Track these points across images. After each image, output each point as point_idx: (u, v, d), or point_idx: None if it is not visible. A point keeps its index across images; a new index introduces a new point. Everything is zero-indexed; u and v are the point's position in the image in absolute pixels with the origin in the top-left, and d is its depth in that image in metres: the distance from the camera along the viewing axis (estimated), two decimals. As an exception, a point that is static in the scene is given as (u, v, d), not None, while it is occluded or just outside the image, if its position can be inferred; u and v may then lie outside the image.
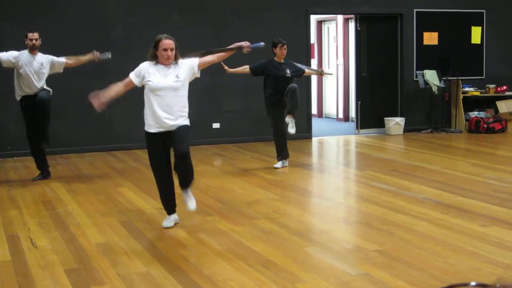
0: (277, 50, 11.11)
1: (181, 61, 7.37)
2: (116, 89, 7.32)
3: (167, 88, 7.21)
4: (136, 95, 13.58)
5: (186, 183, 7.43)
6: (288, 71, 11.03)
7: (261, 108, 14.24)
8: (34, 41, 10.32)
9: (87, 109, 7.68)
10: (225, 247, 6.72)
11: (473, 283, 1.73)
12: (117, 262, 6.35)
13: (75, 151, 13.07)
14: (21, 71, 10.23)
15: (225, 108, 14.25)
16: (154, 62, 7.24)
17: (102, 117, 13.00)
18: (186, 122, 7.45)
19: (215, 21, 14.02)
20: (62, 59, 10.57)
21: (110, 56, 10.74)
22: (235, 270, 6.00)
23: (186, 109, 7.46)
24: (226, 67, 10.83)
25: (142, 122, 7.48)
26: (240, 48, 8.11)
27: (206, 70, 13.84)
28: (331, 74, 17.00)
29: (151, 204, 8.73)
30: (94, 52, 10.61)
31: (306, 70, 11.92)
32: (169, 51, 7.16)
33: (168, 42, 7.17)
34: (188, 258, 6.41)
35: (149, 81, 7.18)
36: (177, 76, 7.27)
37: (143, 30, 13.24)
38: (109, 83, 7.46)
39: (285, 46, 11.13)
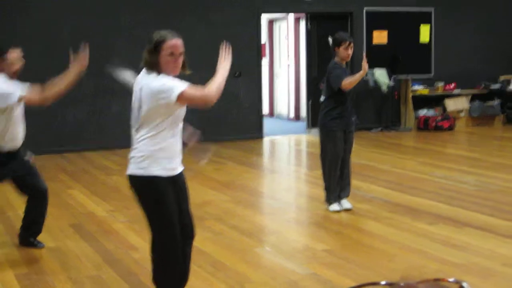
0: (342, 50, 8.12)
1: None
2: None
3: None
4: (88, 96, 13.59)
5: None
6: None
7: (213, 108, 14.32)
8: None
9: (38, 110, 7.67)
10: (175, 249, 6.77)
11: (383, 282, 1.82)
12: (69, 265, 6.37)
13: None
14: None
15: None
16: (155, 73, 4.80)
17: (53, 118, 12.99)
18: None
19: (161, 22, 13.99)
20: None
21: None
22: (185, 272, 6.06)
23: None
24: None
25: (93, 124, 7.37)
26: None
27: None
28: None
29: (102, 206, 8.74)
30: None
31: None
32: (178, 55, 4.90)
33: (177, 43, 4.89)
34: (139, 261, 6.44)
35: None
36: None
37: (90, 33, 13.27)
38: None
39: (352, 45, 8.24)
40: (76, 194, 9.57)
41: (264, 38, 17.78)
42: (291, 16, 18.12)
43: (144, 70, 4.86)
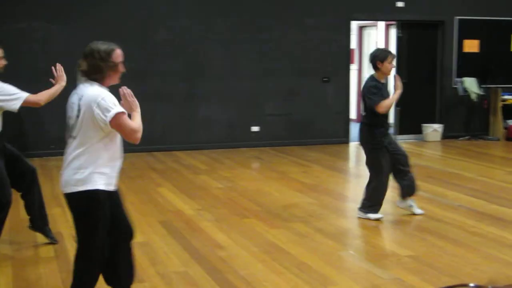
0: (387, 65, 8.12)
1: None
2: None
3: None
4: (177, 96, 13.84)
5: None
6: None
7: (301, 112, 14.45)
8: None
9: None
10: (261, 249, 6.89)
11: (471, 284, 1.88)
12: (156, 261, 6.55)
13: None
14: None
15: (265, 112, 14.38)
16: (97, 83, 4.75)
17: (142, 118, 13.24)
18: None
19: (252, 26, 14.13)
20: None
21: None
22: (270, 272, 6.17)
23: None
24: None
25: (181, 124, 7.47)
26: None
27: (245, 73, 14.06)
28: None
29: (190, 205, 8.92)
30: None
31: None
32: (122, 64, 4.88)
33: (121, 52, 4.85)
34: (224, 259, 6.58)
35: None
36: None
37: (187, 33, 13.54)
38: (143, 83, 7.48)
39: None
40: (164, 192, 9.76)
41: (353, 44, 17.78)
42: (382, 23, 18.08)
43: (83, 81, 4.75)
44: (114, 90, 4.79)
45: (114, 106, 4.63)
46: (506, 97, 15.71)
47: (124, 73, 4.85)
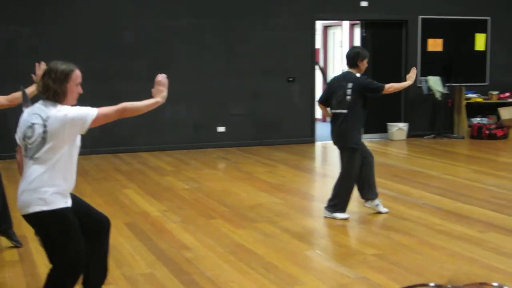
0: (365, 64, 8.31)
1: None
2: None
3: None
4: (143, 96, 13.75)
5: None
6: None
7: (266, 112, 14.46)
8: None
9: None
10: (227, 249, 6.88)
11: (432, 284, 1.89)
12: (122, 263, 6.52)
13: (82, 153, 13.15)
14: None
15: (230, 112, 14.37)
16: (58, 103, 4.65)
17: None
18: None
19: (219, 26, 14.11)
20: None
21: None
22: (237, 272, 6.16)
23: None
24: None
25: (146, 125, 7.49)
26: None
27: (211, 74, 14.06)
28: None
29: (156, 206, 8.88)
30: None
31: None
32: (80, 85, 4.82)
33: (80, 73, 4.80)
34: (191, 260, 6.56)
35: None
36: None
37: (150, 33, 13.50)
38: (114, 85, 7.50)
39: None
40: (130, 193, 9.72)
41: (318, 44, 17.83)
42: (346, 22, 18.15)
43: (41, 102, 4.67)
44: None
45: (85, 112, 4.59)
46: (470, 95, 15.84)
47: (90, 73, 4.85)
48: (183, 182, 10.51)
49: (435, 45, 15.84)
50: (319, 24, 17.91)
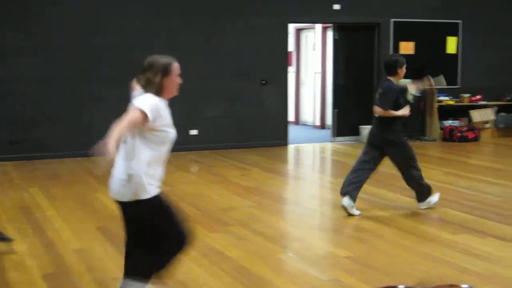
0: (404, 70, 8.67)
1: None
2: (121, 130, 4.70)
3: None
4: (116, 100, 13.72)
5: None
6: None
7: (239, 115, 14.46)
8: None
9: (66, 114, 7.81)
10: (200, 253, 6.85)
11: (401, 286, 1.89)
12: (94, 267, 6.47)
13: (54, 156, 13.11)
14: None
15: (203, 115, 14.34)
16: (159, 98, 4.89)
17: (80, 122, 13.13)
18: None
19: (192, 28, 14.09)
20: None
21: None
22: (209, 276, 6.15)
23: None
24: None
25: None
26: None
27: (183, 76, 13.97)
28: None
29: (128, 210, 8.83)
30: None
31: None
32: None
33: (178, 65, 5.09)
34: (163, 264, 6.53)
35: (166, 128, 5.01)
36: None
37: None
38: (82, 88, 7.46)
39: None
40: (102, 197, 9.67)
41: (291, 47, 17.85)
42: (319, 25, 18.19)
43: (141, 92, 4.95)
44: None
45: (144, 102, 4.77)
46: (442, 98, 15.93)
47: (64, 76, 4.87)
48: (155, 185, 10.45)
49: (407, 48, 15.91)
50: (292, 27, 17.96)
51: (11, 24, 12.74)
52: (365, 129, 15.39)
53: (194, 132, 14.23)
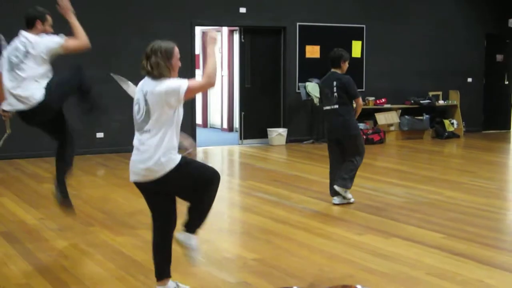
0: (347, 64, 9.62)
1: None
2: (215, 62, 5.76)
3: None
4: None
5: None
6: None
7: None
8: None
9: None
10: (106, 257, 6.77)
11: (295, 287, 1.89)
12: (-4, 272, 6.33)
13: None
14: None
15: (109, 118, 14.19)
16: (165, 78, 5.62)
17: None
18: None
19: (97, 33, 13.93)
20: None
21: None
22: (116, 280, 6.08)
23: None
24: None
25: (23, 131, 7.24)
26: None
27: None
28: None
29: (33, 214, 8.68)
30: None
31: None
32: None
33: None
34: (69, 269, 6.42)
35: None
36: None
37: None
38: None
39: None
40: (5, 202, 9.47)
41: (198, 49, 17.82)
42: (225, 28, 18.22)
43: (147, 78, 5.66)
44: None
45: (178, 84, 5.43)
46: (347, 101, 16.12)
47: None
48: (61, 189, 10.30)
49: (312, 51, 16.07)
50: (198, 30, 17.92)
51: None
52: (273, 132, 15.50)
53: (100, 135, 14.07)
